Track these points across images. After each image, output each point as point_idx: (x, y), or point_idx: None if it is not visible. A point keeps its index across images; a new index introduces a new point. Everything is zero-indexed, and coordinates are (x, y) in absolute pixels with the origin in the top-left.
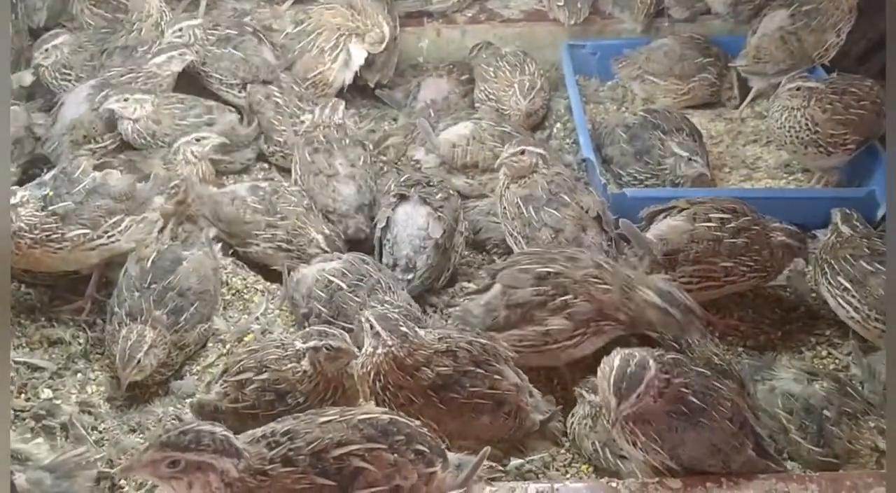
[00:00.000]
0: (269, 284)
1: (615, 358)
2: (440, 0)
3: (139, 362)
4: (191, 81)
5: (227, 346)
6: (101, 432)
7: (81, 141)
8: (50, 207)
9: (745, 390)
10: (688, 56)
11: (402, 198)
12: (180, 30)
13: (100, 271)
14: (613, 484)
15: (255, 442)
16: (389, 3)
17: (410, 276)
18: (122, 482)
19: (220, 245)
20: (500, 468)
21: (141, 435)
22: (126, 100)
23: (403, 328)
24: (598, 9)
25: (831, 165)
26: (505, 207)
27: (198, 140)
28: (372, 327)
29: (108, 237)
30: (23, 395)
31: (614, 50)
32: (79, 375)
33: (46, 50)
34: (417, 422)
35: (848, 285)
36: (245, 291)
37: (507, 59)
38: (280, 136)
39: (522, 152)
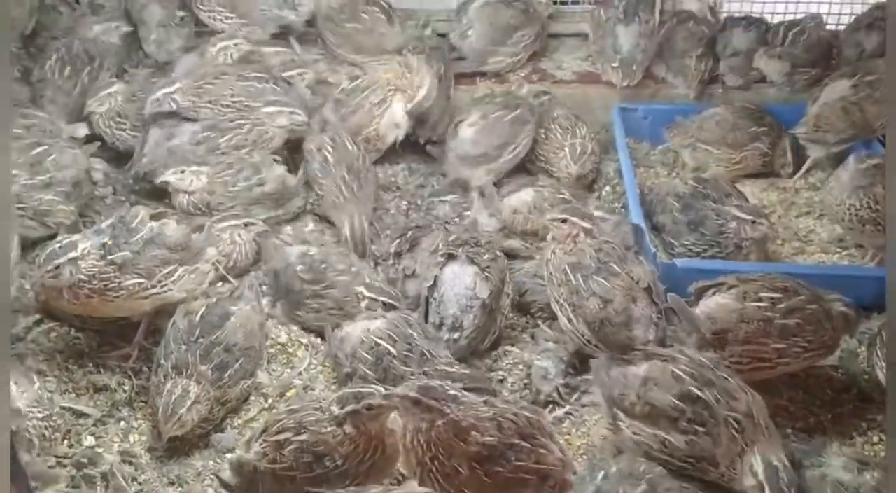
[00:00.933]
0: (313, 338)
1: None
2: (495, 61)
3: (181, 417)
4: None
5: (269, 400)
6: (140, 484)
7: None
8: (109, 256)
9: None
10: (740, 125)
11: (451, 257)
12: (157, 99)
13: (149, 318)
14: None
15: None
16: (446, 63)
17: (457, 335)
18: None
19: (267, 299)
20: None
21: (179, 489)
22: (183, 172)
23: (452, 392)
24: (652, 73)
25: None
26: (551, 273)
27: (245, 225)
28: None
29: (162, 287)
30: (66, 441)
31: (666, 115)
32: (122, 423)
33: (100, 98)
34: None
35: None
36: (289, 344)
37: (559, 121)
38: (321, 189)
39: (564, 221)
